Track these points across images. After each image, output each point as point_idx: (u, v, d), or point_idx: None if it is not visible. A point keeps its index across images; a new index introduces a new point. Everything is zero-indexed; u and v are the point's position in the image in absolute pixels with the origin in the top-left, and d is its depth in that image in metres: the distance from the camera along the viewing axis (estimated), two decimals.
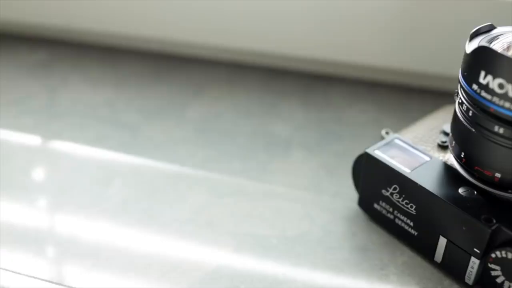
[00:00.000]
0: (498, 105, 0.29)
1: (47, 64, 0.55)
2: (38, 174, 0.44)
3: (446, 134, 0.37)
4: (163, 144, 0.46)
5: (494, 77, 0.29)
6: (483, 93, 0.30)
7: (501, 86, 0.29)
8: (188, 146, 0.46)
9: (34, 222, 0.39)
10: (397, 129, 0.40)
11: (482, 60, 0.30)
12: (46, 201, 0.41)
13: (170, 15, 0.54)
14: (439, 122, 0.39)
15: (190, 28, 0.54)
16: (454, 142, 0.34)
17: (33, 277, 0.35)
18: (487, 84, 0.29)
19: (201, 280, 0.35)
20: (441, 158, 0.36)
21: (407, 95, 0.52)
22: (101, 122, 0.48)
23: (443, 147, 0.37)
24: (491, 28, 0.33)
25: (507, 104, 0.29)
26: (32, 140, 0.46)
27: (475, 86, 0.30)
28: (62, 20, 0.57)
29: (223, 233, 0.38)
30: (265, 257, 0.36)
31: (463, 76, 0.32)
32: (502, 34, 0.33)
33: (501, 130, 0.30)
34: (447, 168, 0.35)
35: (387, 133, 0.39)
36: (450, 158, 0.36)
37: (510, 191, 0.32)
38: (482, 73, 0.30)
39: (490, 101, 0.30)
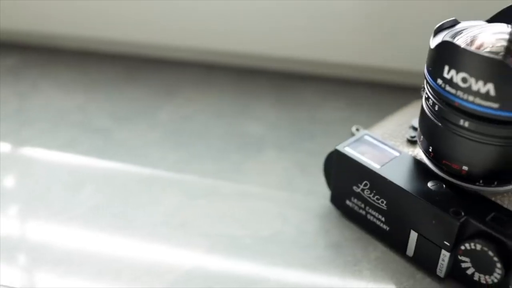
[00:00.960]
0: (462, 99, 0.30)
1: (16, 70, 0.54)
2: (9, 181, 0.43)
3: (415, 129, 0.37)
4: (135, 147, 0.46)
5: (457, 72, 0.29)
6: (448, 88, 0.30)
7: (464, 80, 0.29)
8: (161, 149, 0.46)
9: (4, 229, 0.38)
10: (369, 126, 0.40)
11: (445, 54, 0.30)
12: (17, 207, 0.40)
13: (140, 17, 0.54)
14: (408, 117, 0.39)
15: (160, 30, 0.54)
16: (422, 136, 0.34)
17: (4, 285, 0.34)
18: (451, 79, 0.30)
19: (174, 282, 0.35)
20: (410, 153, 0.36)
21: (379, 92, 0.53)
22: (72, 127, 0.48)
23: (412, 142, 0.37)
24: (455, 23, 0.34)
25: (471, 98, 0.29)
26: (3, 147, 0.46)
27: (439, 81, 0.31)
28: (31, 25, 0.56)
29: (196, 235, 0.38)
30: (239, 257, 0.36)
31: (428, 71, 0.32)
32: (465, 29, 0.33)
33: (467, 124, 0.30)
34: (416, 162, 0.35)
35: (357, 129, 0.39)
36: (419, 152, 0.36)
37: (477, 183, 0.32)
38: (446, 68, 0.30)
39: (454, 95, 0.30)
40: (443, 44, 0.30)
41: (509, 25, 0.33)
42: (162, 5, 0.53)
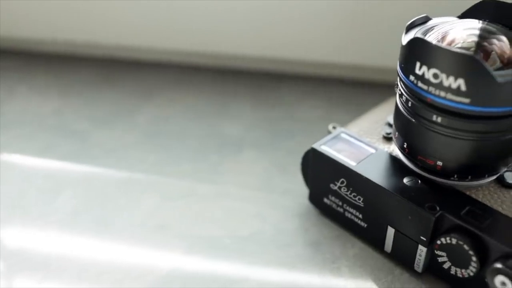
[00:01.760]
0: (434, 95, 0.30)
1: None
2: None
3: (390, 125, 0.38)
4: (113, 150, 0.46)
5: (428, 68, 0.29)
6: (420, 84, 0.30)
7: (436, 76, 0.29)
8: (139, 151, 0.46)
9: None
10: (347, 123, 0.40)
11: (417, 51, 0.30)
12: None
13: (116, 19, 0.53)
14: (383, 114, 0.39)
15: (137, 32, 0.54)
16: (397, 133, 0.34)
17: None
18: (423, 75, 0.30)
19: (153, 284, 0.34)
20: (386, 149, 0.36)
21: (356, 89, 0.53)
22: (49, 132, 0.47)
23: (388, 138, 0.37)
24: (426, 19, 0.34)
25: (442, 94, 0.29)
26: None
27: (412, 77, 0.31)
28: (6, 30, 0.56)
29: (175, 236, 0.38)
30: (217, 257, 0.36)
31: (400, 67, 0.32)
32: (437, 25, 0.33)
33: (439, 119, 0.31)
34: (392, 159, 0.35)
35: (334, 127, 0.39)
36: (395, 149, 0.36)
37: (452, 178, 0.33)
38: (418, 64, 0.30)
39: (426, 91, 0.30)
40: (414, 41, 0.30)
41: (480, 21, 0.33)
42: (138, 7, 0.52)
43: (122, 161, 0.44)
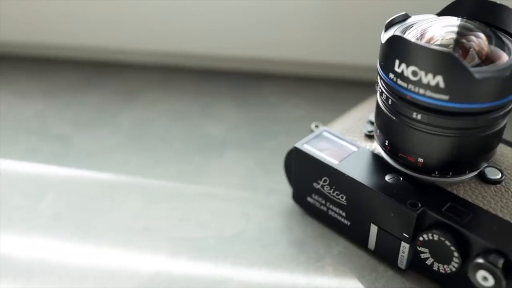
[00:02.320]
0: (413, 92, 0.30)
1: None
2: None
3: (372, 123, 0.38)
4: (96, 153, 0.45)
5: (407, 65, 0.30)
6: (399, 81, 0.30)
7: (414, 73, 0.29)
8: (122, 154, 0.45)
9: None
10: (329, 122, 0.40)
11: (395, 49, 0.30)
12: None
13: (97, 22, 0.53)
14: (365, 112, 0.40)
15: (118, 34, 0.54)
16: (378, 131, 0.35)
17: None
18: (402, 72, 0.30)
19: (139, 287, 0.34)
20: (368, 147, 0.36)
21: (339, 88, 0.53)
22: (31, 135, 0.47)
23: (369, 136, 0.37)
24: (405, 17, 0.34)
25: (421, 91, 0.30)
26: None
27: (391, 75, 0.31)
28: None
29: (159, 239, 0.38)
30: (202, 259, 0.36)
31: (380, 65, 0.32)
32: (416, 23, 0.33)
33: (419, 116, 0.31)
34: (374, 157, 0.36)
35: (316, 126, 0.39)
36: (377, 147, 0.36)
37: (433, 174, 0.33)
38: (397, 62, 0.30)
39: (406, 88, 0.30)
40: (393, 39, 0.30)
41: (459, 18, 0.33)
42: (119, 9, 0.52)
43: (106, 164, 0.44)
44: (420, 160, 0.32)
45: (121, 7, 0.52)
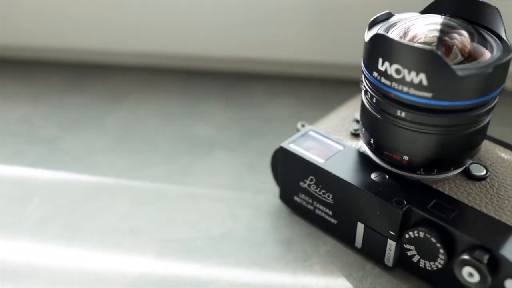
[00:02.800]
0: (397, 90, 0.30)
1: None
2: None
3: (358, 122, 0.38)
4: (83, 155, 0.45)
5: (390, 63, 0.30)
6: (383, 80, 0.31)
7: (398, 71, 0.30)
8: (109, 156, 0.45)
9: None
10: (316, 121, 0.40)
11: (379, 47, 0.30)
12: None
13: (83, 23, 0.53)
14: (351, 111, 0.40)
15: (104, 35, 0.54)
16: (363, 129, 0.35)
17: None
18: (386, 71, 0.30)
19: None
20: (354, 146, 0.37)
21: (325, 87, 0.53)
22: (18, 138, 0.47)
23: (355, 135, 0.37)
24: (389, 16, 0.34)
25: (405, 89, 0.30)
26: None
27: (375, 73, 0.31)
28: None
29: (146, 240, 0.38)
30: (189, 259, 0.36)
31: (364, 64, 0.32)
32: (399, 21, 0.34)
33: (403, 114, 0.31)
34: (360, 155, 0.36)
35: (302, 125, 0.39)
36: (362, 145, 0.36)
37: (419, 172, 0.33)
38: (380, 60, 0.30)
39: (390, 86, 0.30)
40: (376, 37, 0.30)
41: (442, 16, 0.33)
42: (105, 11, 0.52)
43: (92, 166, 0.44)
44: (405, 157, 0.33)
45: (107, 8, 0.52)
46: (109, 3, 0.52)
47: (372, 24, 0.33)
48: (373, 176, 0.34)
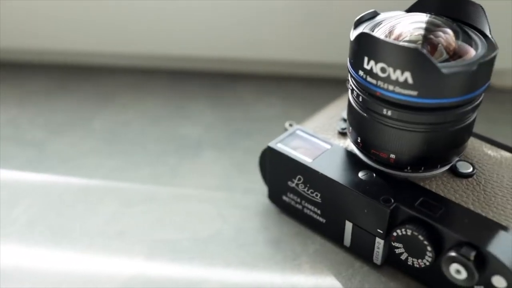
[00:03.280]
0: (383, 89, 0.30)
1: None
2: None
3: (345, 121, 0.38)
4: (70, 158, 0.45)
5: (376, 62, 0.30)
6: (369, 78, 0.31)
7: (383, 70, 0.30)
8: (97, 158, 0.45)
9: None
10: (304, 120, 0.40)
11: (364, 46, 0.30)
12: None
13: (68, 25, 0.53)
14: (338, 110, 0.40)
15: (91, 37, 0.53)
16: (350, 128, 0.35)
17: None
18: (371, 69, 0.30)
19: None
20: (341, 144, 0.37)
21: (312, 86, 0.53)
22: (5, 142, 0.47)
23: (343, 134, 0.37)
24: (374, 14, 0.34)
25: (391, 87, 0.30)
26: None
27: (361, 72, 0.31)
28: None
29: (134, 242, 0.37)
30: (178, 261, 0.36)
31: (350, 63, 0.32)
32: (385, 20, 0.34)
33: (389, 113, 0.31)
34: (348, 154, 0.36)
35: (290, 125, 0.39)
36: (350, 144, 0.36)
37: (406, 170, 0.33)
38: (365, 59, 0.30)
39: (375, 85, 0.30)
40: (361, 36, 0.30)
41: (426, 14, 0.33)
42: (91, 12, 0.52)
43: (80, 168, 0.44)
44: (392, 156, 0.33)
45: (93, 10, 0.52)
46: (96, 5, 0.51)
47: (357, 23, 0.33)
48: (360, 174, 0.34)
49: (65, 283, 0.35)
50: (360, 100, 0.32)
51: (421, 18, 0.33)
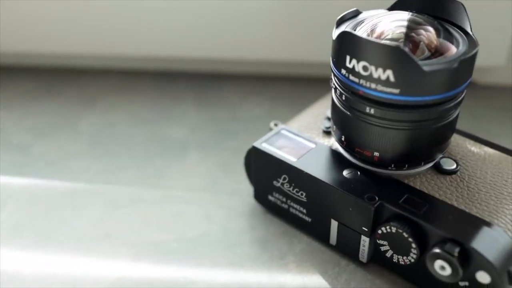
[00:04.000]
0: (365, 87, 0.30)
1: None
2: None
3: (330, 119, 0.38)
4: (56, 161, 0.45)
5: (358, 61, 0.30)
6: (351, 77, 0.31)
7: (365, 68, 0.30)
8: (83, 160, 0.45)
9: None
10: (289, 120, 0.40)
11: (346, 44, 0.30)
12: None
13: (53, 27, 0.53)
14: (323, 109, 0.40)
15: (76, 39, 0.53)
16: (334, 126, 0.35)
17: None
18: (353, 68, 0.30)
19: None
20: (326, 143, 0.37)
21: (298, 85, 0.53)
22: None
23: (327, 132, 0.38)
24: (356, 13, 0.34)
25: (373, 85, 0.30)
26: None
27: (343, 71, 0.31)
28: None
29: (121, 244, 0.37)
30: (165, 262, 0.36)
31: (333, 62, 0.32)
32: (367, 18, 0.34)
33: (372, 111, 0.31)
34: (332, 152, 0.36)
35: (275, 124, 0.39)
36: (334, 143, 0.37)
37: (390, 168, 0.33)
38: (348, 57, 0.30)
39: (358, 83, 0.31)
40: (342, 35, 0.30)
41: (408, 12, 0.34)
42: (75, 15, 0.52)
43: (66, 171, 0.44)
44: (376, 154, 0.33)
45: (78, 13, 0.52)
46: (81, 7, 0.51)
47: (339, 22, 0.33)
48: (345, 173, 0.34)
49: (52, 286, 0.35)
50: (343, 98, 0.32)
51: (403, 17, 0.33)
